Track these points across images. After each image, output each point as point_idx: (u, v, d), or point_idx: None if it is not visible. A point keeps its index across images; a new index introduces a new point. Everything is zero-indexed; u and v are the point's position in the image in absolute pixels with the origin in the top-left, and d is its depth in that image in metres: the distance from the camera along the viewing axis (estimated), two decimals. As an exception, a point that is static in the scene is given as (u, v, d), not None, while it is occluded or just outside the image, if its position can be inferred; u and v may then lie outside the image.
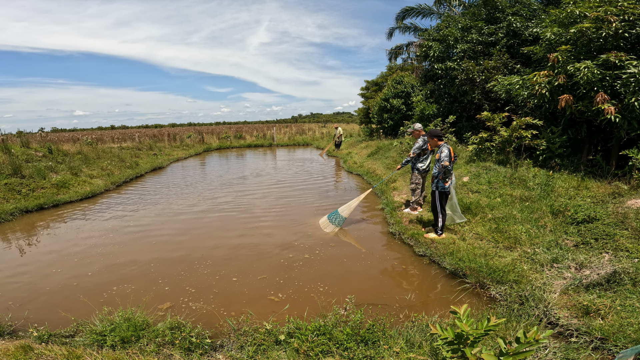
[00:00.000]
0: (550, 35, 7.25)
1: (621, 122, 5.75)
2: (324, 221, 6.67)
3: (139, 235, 6.49)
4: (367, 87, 24.69)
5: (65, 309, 3.87)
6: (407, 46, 20.13)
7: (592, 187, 5.70)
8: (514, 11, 10.53)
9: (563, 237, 4.65)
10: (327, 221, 6.58)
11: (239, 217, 7.54)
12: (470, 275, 4.27)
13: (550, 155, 7.20)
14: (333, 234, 6.26)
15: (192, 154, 21.53)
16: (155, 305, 3.95)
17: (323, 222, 6.67)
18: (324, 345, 2.85)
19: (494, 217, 5.45)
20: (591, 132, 6.98)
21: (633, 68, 5.56)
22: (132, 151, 17.20)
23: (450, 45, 11.17)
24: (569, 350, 2.76)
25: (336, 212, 6.60)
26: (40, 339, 3.20)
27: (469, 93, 10.42)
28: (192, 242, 6.04)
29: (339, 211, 6.58)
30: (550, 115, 7.73)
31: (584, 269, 3.89)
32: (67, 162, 11.88)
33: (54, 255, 5.63)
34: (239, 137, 28.64)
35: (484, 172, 7.32)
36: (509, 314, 3.37)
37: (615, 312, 3.13)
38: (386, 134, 16.86)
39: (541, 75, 6.83)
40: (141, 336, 3.15)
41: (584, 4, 6.70)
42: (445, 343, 2.03)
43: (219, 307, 3.94)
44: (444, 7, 15.92)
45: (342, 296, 3.89)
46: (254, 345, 3.01)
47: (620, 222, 4.43)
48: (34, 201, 8.49)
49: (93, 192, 9.90)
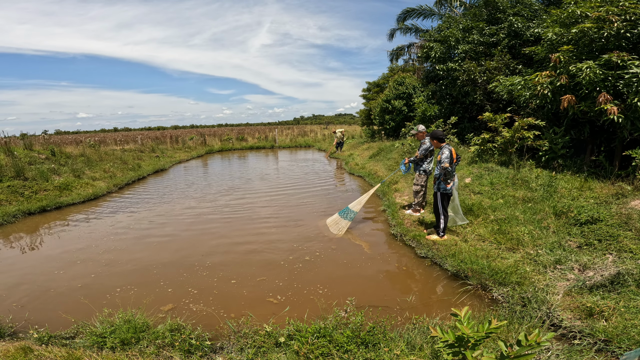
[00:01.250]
0: (551, 35, 7.22)
1: (624, 122, 5.71)
2: (332, 220, 6.67)
3: (140, 237, 6.49)
4: (369, 89, 24.72)
5: (66, 311, 3.86)
6: (409, 47, 20.15)
7: (596, 187, 5.66)
8: (515, 12, 10.51)
9: (566, 239, 4.61)
10: (339, 218, 6.58)
11: (241, 219, 7.53)
12: (472, 277, 4.24)
13: (553, 156, 7.16)
14: (340, 235, 6.26)
15: (194, 156, 21.57)
16: (156, 307, 3.95)
17: (331, 221, 6.67)
18: (324, 348, 2.83)
19: (497, 219, 5.42)
20: (594, 133, 6.94)
21: (635, 68, 5.52)
22: (134, 153, 17.24)
23: (451, 46, 11.15)
24: (572, 353, 2.72)
25: (347, 208, 6.62)
26: (40, 341, 3.20)
27: (471, 94, 10.39)
28: (193, 244, 6.03)
29: (350, 207, 6.60)
30: (553, 116, 7.70)
31: (587, 270, 3.85)
32: (70, 164, 11.91)
33: (56, 257, 5.64)
34: (241, 139, 28.69)
35: (486, 173, 7.29)
36: (511, 315, 3.34)
37: (619, 313, 3.10)
38: (388, 136, 16.84)
39: (543, 76, 6.80)
40: (141, 338, 3.14)
41: (585, 4, 6.68)
42: (446, 346, 2.00)
43: (219, 309, 3.93)
44: (445, 8, 15.93)
45: (343, 298, 3.87)
46: (254, 347, 3.00)
47: (624, 223, 4.39)
48: (37, 203, 8.51)
49: (95, 194, 9.92)
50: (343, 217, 6.55)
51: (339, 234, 6.31)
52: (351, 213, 6.53)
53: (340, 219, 6.56)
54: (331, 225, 6.59)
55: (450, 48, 11.25)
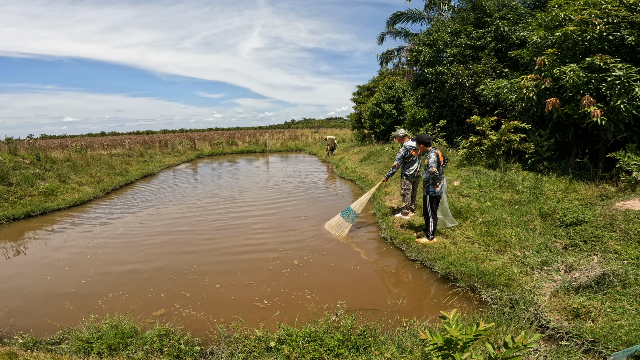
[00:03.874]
0: (536, 38, 7.33)
1: (607, 124, 5.81)
2: (334, 221, 6.66)
3: (128, 241, 6.39)
4: (359, 92, 24.82)
5: (52, 317, 3.79)
6: (398, 51, 20.26)
7: (580, 189, 5.76)
8: (502, 15, 10.67)
9: (552, 240, 4.68)
10: (340, 218, 6.57)
11: (230, 223, 7.47)
12: (461, 279, 4.27)
13: (539, 158, 7.27)
14: (341, 238, 6.26)
15: (183, 160, 21.37)
16: (145, 312, 3.88)
17: (332, 222, 6.67)
18: (315, 352, 2.82)
19: (485, 221, 5.48)
20: (578, 135, 7.06)
21: (618, 71, 5.62)
22: (122, 158, 17.02)
23: (440, 50, 11.28)
24: (560, 354, 2.76)
25: (349, 208, 6.60)
26: (25, 346, 3.15)
27: (459, 97, 10.52)
28: (182, 248, 5.96)
29: (352, 207, 6.59)
30: (538, 119, 7.82)
31: (573, 271, 3.91)
32: (55, 169, 11.71)
33: (40, 263, 5.52)
34: (231, 144, 28.53)
35: (475, 176, 7.36)
36: (499, 317, 3.37)
37: (606, 314, 3.15)
38: (378, 139, 16.91)
39: (528, 79, 6.90)
40: (129, 343, 3.12)
41: (569, 7, 6.78)
42: (436, 348, 2.01)
43: (209, 314, 3.89)
44: (433, 12, 16.08)
45: (334, 302, 3.86)
46: (244, 352, 2.98)
47: (609, 224, 4.47)
48: (21, 209, 8.34)
49: (81, 199, 9.75)
50: (345, 218, 6.55)
51: (341, 235, 6.32)
52: (352, 214, 6.52)
53: (342, 220, 6.55)
54: (332, 227, 6.58)
55: (439, 52, 11.38)
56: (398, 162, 6.42)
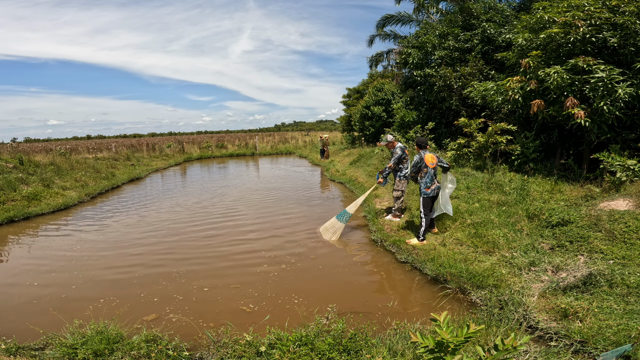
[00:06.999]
0: (521, 41, 7.42)
1: (591, 126, 5.90)
2: (329, 224, 6.64)
3: (113, 246, 6.27)
4: (349, 95, 24.93)
5: (36, 323, 3.69)
6: (388, 53, 20.38)
7: (566, 190, 5.84)
8: (488, 18, 10.79)
9: (539, 241, 4.73)
10: (335, 221, 6.57)
11: (220, 227, 7.40)
12: (451, 280, 4.29)
13: (525, 160, 7.36)
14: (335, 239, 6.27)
15: (171, 164, 21.14)
16: (132, 317, 3.80)
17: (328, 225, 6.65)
18: (306, 356, 2.80)
19: (473, 222, 5.52)
20: (563, 137, 7.17)
21: (601, 72, 5.70)
22: (108, 162, 16.74)
23: (428, 52, 11.37)
24: (550, 355, 2.77)
25: (344, 211, 6.62)
26: (8, 352, 3.09)
27: (447, 99, 10.60)
28: (171, 252, 5.87)
29: (347, 210, 6.62)
30: (524, 121, 7.92)
31: (560, 271, 3.95)
32: (39, 173, 11.46)
33: (23, 268, 5.38)
34: (220, 147, 28.34)
35: (463, 178, 7.43)
36: (489, 318, 3.38)
37: (593, 314, 3.17)
38: (368, 142, 16.98)
39: (514, 81, 6.98)
40: (115, 349, 3.06)
41: (552, 10, 6.85)
42: (427, 351, 2.00)
43: (198, 319, 3.83)
44: (422, 15, 16.22)
45: (324, 305, 3.84)
46: (234, 357, 2.94)
47: (594, 225, 4.53)
48: (4, 214, 8.15)
49: (66, 204, 9.56)
50: (340, 220, 6.56)
51: (333, 238, 6.31)
52: (346, 215, 6.55)
53: (336, 222, 6.55)
54: (327, 230, 6.56)
55: (428, 54, 11.47)
56: (394, 162, 6.48)
